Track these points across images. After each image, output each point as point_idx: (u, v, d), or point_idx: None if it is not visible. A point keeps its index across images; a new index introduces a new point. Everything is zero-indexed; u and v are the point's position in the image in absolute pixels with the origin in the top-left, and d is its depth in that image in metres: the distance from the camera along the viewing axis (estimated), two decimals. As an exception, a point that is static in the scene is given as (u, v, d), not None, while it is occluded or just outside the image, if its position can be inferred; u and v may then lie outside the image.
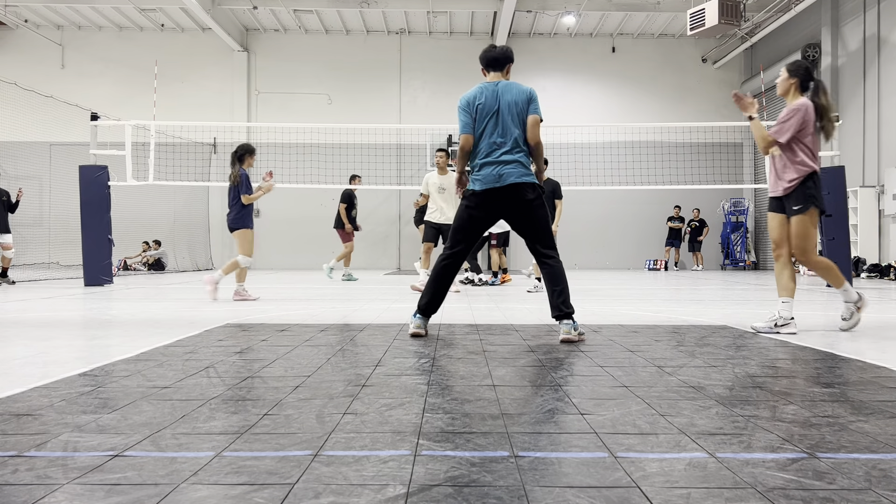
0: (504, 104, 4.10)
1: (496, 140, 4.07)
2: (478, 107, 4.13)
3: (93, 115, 10.25)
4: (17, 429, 1.97)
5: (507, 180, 4.01)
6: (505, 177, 4.02)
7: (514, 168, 4.04)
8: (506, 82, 4.19)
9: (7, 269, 10.33)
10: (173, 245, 17.49)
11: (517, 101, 4.10)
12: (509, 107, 4.09)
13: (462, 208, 4.18)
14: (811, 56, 16.02)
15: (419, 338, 4.02)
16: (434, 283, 4.16)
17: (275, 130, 18.11)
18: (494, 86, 4.17)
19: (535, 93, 4.22)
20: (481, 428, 1.98)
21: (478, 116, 4.13)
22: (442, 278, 4.17)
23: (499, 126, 4.09)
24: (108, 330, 4.41)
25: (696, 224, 18.37)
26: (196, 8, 15.75)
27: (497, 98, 4.12)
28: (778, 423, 2.04)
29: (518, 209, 4.07)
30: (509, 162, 4.04)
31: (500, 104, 4.11)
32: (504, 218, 4.15)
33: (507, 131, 4.08)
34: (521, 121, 4.12)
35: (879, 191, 14.14)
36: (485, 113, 4.12)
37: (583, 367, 3.01)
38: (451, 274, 4.19)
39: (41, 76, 18.21)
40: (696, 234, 18.33)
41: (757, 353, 3.45)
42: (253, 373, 2.85)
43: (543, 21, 18.63)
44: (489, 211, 4.11)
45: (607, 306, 6.34)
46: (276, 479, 1.54)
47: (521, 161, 4.07)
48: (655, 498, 1.43)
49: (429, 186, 8.56)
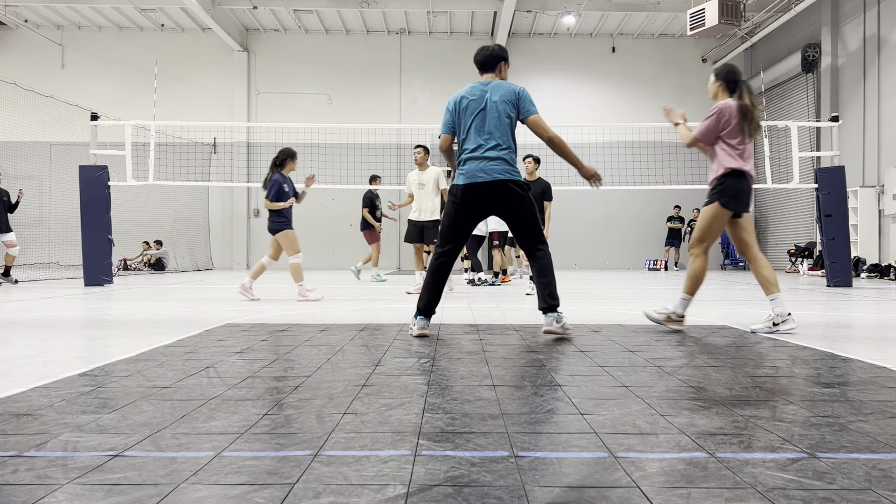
0: (491, 103, 4.15)
1: (481, 138, 4.12)
2: (464, 106, 4.20)
3: (93, 115, 10.25)
4: (17, 429, 1.97)
5: (492, 176, 4.05)
6: (490, 172, 4.06)
7: (497, 164, 4.07)
8: (497, 82, 4.23)
9: (10, 267, 10.35)
10: (173, 245, 17.49)
11: (504, 101, 4.15)
12: (496, 106, 4.14)
13: (448, 204, 4.22)
14: (811, 56, 16.02)
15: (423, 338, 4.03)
16: (431, 283, 4.18)
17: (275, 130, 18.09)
18: (484, 85, 4.22)
19: (526, 91, 4.24)
20: (481, 428, 1.98)
21: (464, 115, 4.20)
22: (438, 277, 4.19)
23: (485, 124, 4.14)
24: (108, 330, 4.41)
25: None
26: (196, 8, 15.76)
27: (485, 97, 4.17)
28: (778, 423, 2.04)
29: (505, 204, 4.12)
30: (493, 158, 4.08)
31: (486, 103, 4.16)
32: (492, 213, 4.18)
33: (493, 130, 4.12)
34: (509, 120, 4.16)
35: (879, 191, 14.14)
36: (471, 111, 4.17)
37: (583, 367, 3.01)
38: (446, 272, 4.21)
39: (41, 76, 18.22)
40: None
41: (757, 353, 3.45)
42: (253, 373, 2.85)
43: (543, 21, 18.63)
44: (474, 206, 4.14)
45: (607, 306, 6.34)
46: (276, 479, 1.54)
47: (505, 158, 4.11)
48: (655, 498, 1.43)
49: (410, 184, 8.50)
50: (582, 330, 4.42)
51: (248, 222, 19.37)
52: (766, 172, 11.11)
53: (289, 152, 7.27)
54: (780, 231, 18.50)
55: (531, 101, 4.20)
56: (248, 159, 19.01)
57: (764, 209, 19.46)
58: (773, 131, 16.16)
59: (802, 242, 16.76)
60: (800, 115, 16.83)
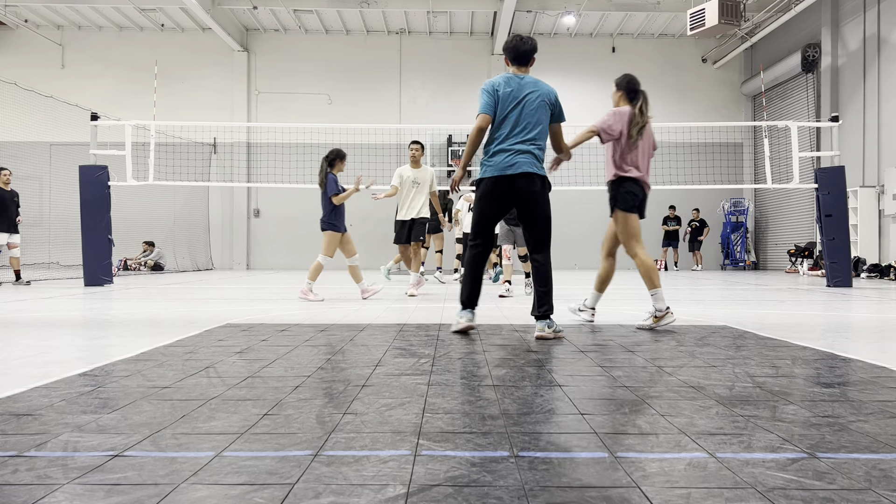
0: (531, 98, 4.17)
1: (516, 130, 4.14)
2: (504, 94, 4.17)
3: (93, 115, 10.25)
4: (17, 429, 1.97)
5: (520, 169, 4.09)
6: (517, 165, 4.09)
7: (526, 158, 4.11)
8: (533, 78, 4.27)
9: (19, 270, 10.34)
10: (173, 245, 17.48)
11: (544, 100, 4.20)
12: (536, 102, 4.17)
13: (476, 198, 4.28)
14: (811, 56, 16.02)
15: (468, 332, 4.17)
16: (470, 276, 4.28)
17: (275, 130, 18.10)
18: (521, 79, 4.24)
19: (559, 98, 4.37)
20: (481, 428, 1.98)
21: (501, 104, 4.18)
22: (476, 269, 4.29)
23: (522, 117, 4.15)
24: (108, 330, 4.41)
25: (697, 224, 18.33)
26: (196, 8, 15.75)
27: (524, 90, 4.18)
28: (778, 423, 2.04)
29: (525, 199, 4.15)
30: (524, 152, 4.11)
31: (527, 97, 4.17)
32: (513, 206, 4.22)
33: (529, 124, 4.15)
34: (545, 117, 4.21)
35: (879, 191, 14.14)
36: (509, 101, 4.17)
37: (583, 367, 3.01)
38: (483, 262, 4.31)
39: (41, 76, 18.22)
40: (697, 233, 18.30)
41: (757, 353, 3.45)
42: (253, 373, 2.85)
43: (543, 21, 18.63)
44: (500, 198, 4.18)
45: (607, 306, 6.34)
46: (276, 479, 1.54)
47: (534, 153, 4.15)
48: (655, 498, 1.43)
49: (402, 180, 8.01)
50: (582, 330, 4.43)
51: (248, 222, 19.37)
52: (766, 172, 11.10)
53: (339, 152, 7.35)
54: (780, 231, 18.51)
55: (562, 107, 4.33)
56: (248, 159, 19.01)
57: (764, 209, 19.46)
58: (773, 131, 16.17)
59: (802, 242, 16.76)
60: (800, 115, 16.84)
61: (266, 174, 18.19)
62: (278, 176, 17.30)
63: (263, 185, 18.04)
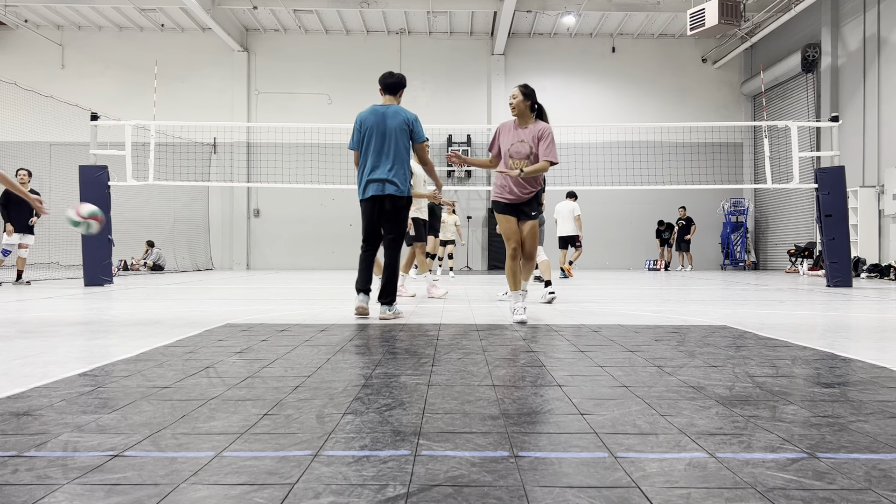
0: (389, 127, 4.95)
1: (377, 159, 4.95)
2: (366, 128, 4.99)
3: (93, 115, 10.25)
4: (17, 429, 1.97)
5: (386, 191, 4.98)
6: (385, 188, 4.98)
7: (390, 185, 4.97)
8: (395, 107, 5.03)
9: (22, 271, 10.35)
10: (173, 245, 17.48)
11: (399, 127, 4.96)
12: (392, 130, 4.95)
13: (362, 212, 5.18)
14: (811, 56, 16.02)
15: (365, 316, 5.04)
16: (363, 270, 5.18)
17: (275, 130, 18.12)
18: (384, 108, 5.02)
19: (418, 119, 5.08)
20: (481, 428, 1.98)
21: (365, 135, 5.00)
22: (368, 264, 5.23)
23: (383, 146, 4.95)
24: (108, 330, 4.41)
25: (683, 223, 17.76)
26: (196, 8, 15.76)
27: (383, 121, 4.96)
28: (778, 423, 2.04)
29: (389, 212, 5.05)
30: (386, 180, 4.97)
31: (386, 126, 4.96)
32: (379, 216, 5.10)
33: (387, 151, 4.94)
34: (403, 143, 4.98)
35: (879, 191, 14.14)
36: (371, 133, 4.98)
37: (583, 367, 3.01)
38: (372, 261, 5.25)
39: (41, 76, 18.23)
40: (684, 232, 17.71)
41: (757, 353, 3.45)
42: (253, 373, 2.85)
43: (543, 21, 18.64)
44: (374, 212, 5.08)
45: (607, 306, 6.34)
46: (276, 479, 1.54)
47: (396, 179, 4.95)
48: (655, 498, 1.43)
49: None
50: (582, 330, 4.43)
51: (248, 222, 19.37)
52: (766, 173, 11.10)
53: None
54: (780, 231, 18.51)
55: (420, 128, 5.07)
56: (248, 159, 19.02)
57: (764, 209, 19.46)
58: (773, 131, 16.17)
59: (802, 242, 16.77)
60: (800, 115, 16.84)
61: (266, 174, 18.20)
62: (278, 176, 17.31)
63: (263, 185, 18.05)
